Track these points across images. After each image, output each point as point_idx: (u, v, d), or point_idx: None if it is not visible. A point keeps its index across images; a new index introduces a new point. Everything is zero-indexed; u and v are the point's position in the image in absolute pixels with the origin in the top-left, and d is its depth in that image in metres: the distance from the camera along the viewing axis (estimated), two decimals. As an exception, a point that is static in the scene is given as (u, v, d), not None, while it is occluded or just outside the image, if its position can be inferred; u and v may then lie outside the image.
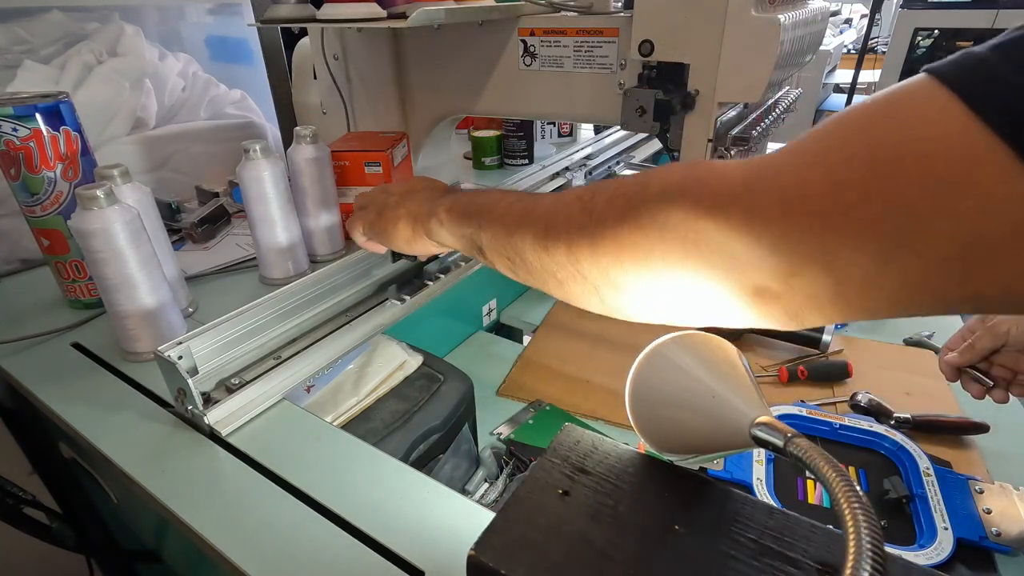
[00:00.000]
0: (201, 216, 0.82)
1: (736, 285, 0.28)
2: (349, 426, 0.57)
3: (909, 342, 0.89)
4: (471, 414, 0.67)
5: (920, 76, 0.23)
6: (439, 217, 0.47)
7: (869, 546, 0.19)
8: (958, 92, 0.21)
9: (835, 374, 0.82)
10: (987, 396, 0.60)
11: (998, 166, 0.20)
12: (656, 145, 1.24)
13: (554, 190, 0.96)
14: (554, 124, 1.24)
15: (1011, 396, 0.60)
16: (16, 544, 0.71)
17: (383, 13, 0.65)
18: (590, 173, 1.01)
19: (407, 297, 0.66)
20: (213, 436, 0.47)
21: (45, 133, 0.56)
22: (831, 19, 3.97)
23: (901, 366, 0.84)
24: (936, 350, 0.87)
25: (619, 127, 0.74)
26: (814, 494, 0.63)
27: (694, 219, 0.28)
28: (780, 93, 0.79)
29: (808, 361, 0.85)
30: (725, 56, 0.55)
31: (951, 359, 0.62)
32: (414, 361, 0.66)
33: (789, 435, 0.25)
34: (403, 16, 0.60)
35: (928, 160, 0.22)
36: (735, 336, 0.88)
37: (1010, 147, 0.20)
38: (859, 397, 0.74)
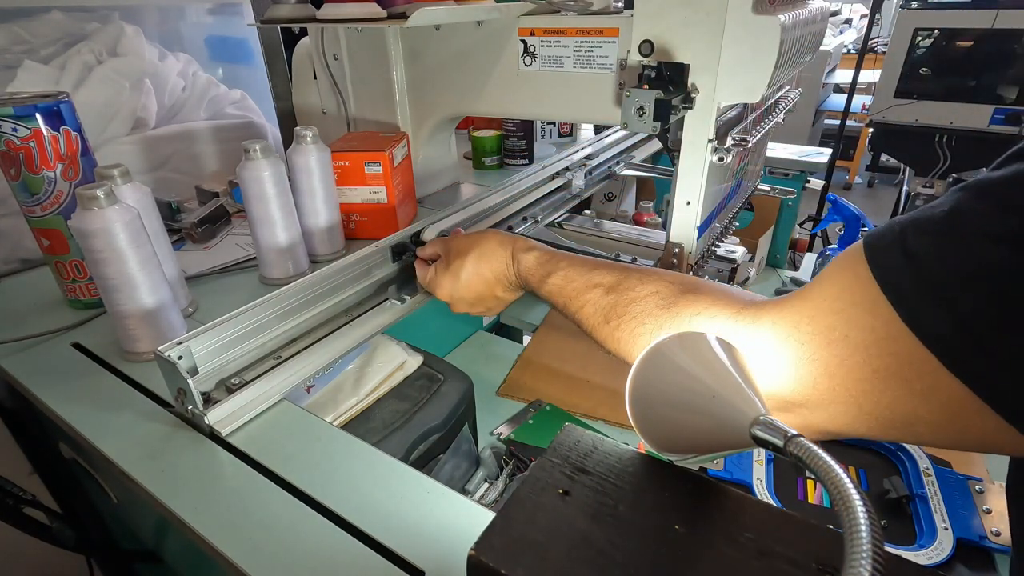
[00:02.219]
0: (201, 216, 0.82)
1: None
2: (349, 426, 0.57)
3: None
4: (471, 414, 0.67)
5: (857, 257, 0.30)
6: (525, 264, 0.55)
7: (869, 546, 0.19)
8: (883, 287, 0.28)
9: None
10: None
11: (924, 365, 0.27)
12: (656, 145, 1.24)
13: (554, 190, 0.96)
14: (554, 124, 1.24)
15: None
16: (16, 544, 0.71)
17: (383, 13, 0.65)
18: (590, 173, 1.01)
19: (407, 297, 0.65)
20: (213, 436, 0.47)
21: (45, 133, 0.56)
22: (831, 19, 3.97)
23: (901, 366, 0.84)
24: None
25: (619, 127, 0.74)
26: (814, 494, 0.63)
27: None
28: (780, 93, 0.79)
29: (808, 361, 0.84)
30: (725, 56, 0.55)
31: None
32: (414, 361, 0.66)
33: (789, 434, 0.25)
34: (403, 16, 0.60)
35: (864, 350, 0.29)
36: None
37: (927, 346, 0.27)
38: (859, 397, 0.74)
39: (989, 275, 0.25)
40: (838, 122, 2.77)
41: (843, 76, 3.60)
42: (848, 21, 4.54)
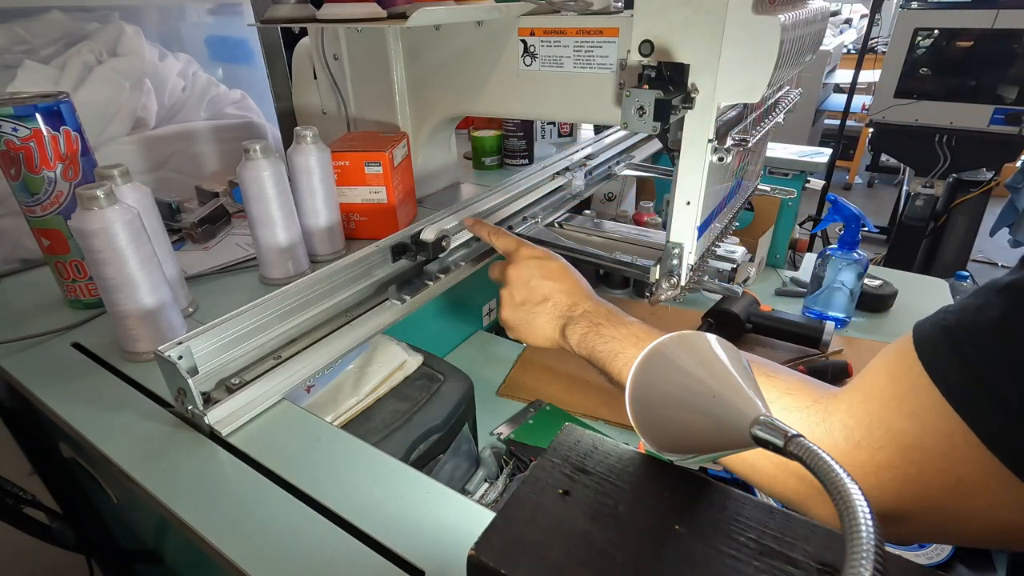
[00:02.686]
0: (201, 216, 0.82)
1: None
2: (349, 426, 0.57)
3: (909, 342, 0.89)
4: (471, 414, 0.67)
5: (913, 360, 0.31)
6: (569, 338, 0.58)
7: (869, 546, 0.19)
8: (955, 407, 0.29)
9: (835, 374, 0.82)
10: None
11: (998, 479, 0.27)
12: (656, 145, 1.24)
13: (554, 190, 0.96)
14: (554, 124, 1.24)
15: None
16: (16, 544, 0.71)
17: (383, 13, 0.65)
18: (590, 173, 1.01)
19: (407, 297, 0.65)
20: (213, 436, 0.47)
21: (45, 133, 0.56)
22: (831, 19, 3.97)
23: (901, 366, 0.84)
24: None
25: (619, 127, 0.74)
26: (814, 494, 0.63)
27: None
28: (780, 93, 0.79)
29: (808, 361, 0.85)
30: (725, 56, 0.55)
31: None
32: (414, 361, 0.66)
33: (789, 434, 0.25)
34: (403, 16, 0.60)
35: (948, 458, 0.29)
36: (735, 336, 0.88)
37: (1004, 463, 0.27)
38: (859, 397, 0.74)
39: None
40: (838, 122, 2.77)
41: (843, 76, 3.60)
42: (848, 21, 4.54)
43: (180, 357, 0.46)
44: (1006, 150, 2.19)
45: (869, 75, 2.70)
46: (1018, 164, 2.35)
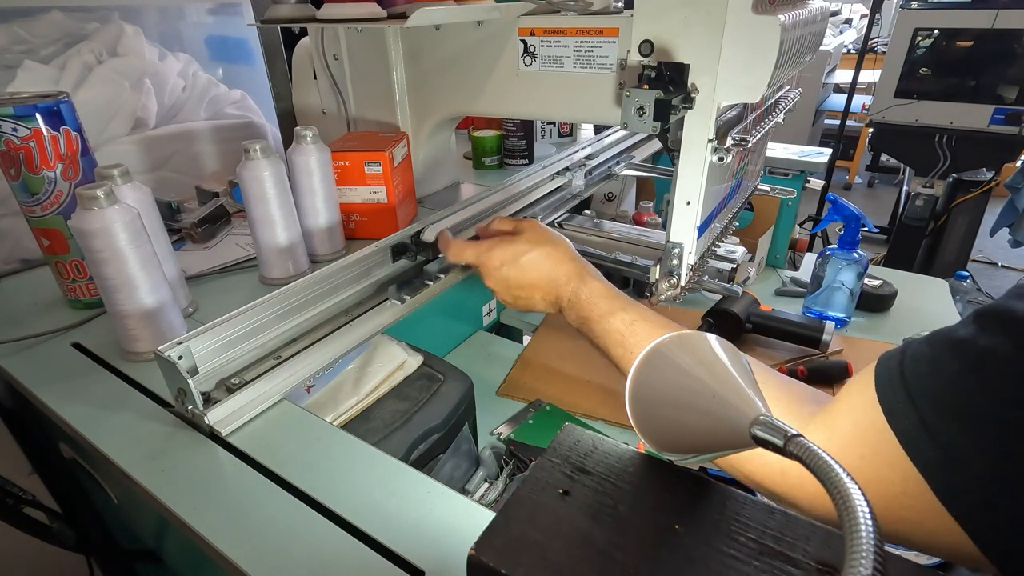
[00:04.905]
0: (201, 216, 0.82)
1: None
2: (349, 426, 0.57)
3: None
4: (471, 414, 0.67)
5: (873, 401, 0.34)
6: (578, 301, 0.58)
7: (869, 546, 0.19)
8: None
9: (835, 374, 0.82)
10: None
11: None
12: (656, 145, 1.24)
13: (554, 190, 0.96)
14: (554, 124, 1.24)
15: None
16: (16, 544, 0.71)
17: (383, 13, 0.65)
18: (590, 173, 1.01)
19: (407, 297, 0.65)
20: (213, 436, 0.47)
21: (45, 133, 0.56)
22: (831, 19, 3.97)
23: (901, 366, 0.84)
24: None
25: (619, 127, 0.74)
26: (814, 494, 0.63)
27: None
28: (780, 93, 0.79)
29: (808, 361, 0.84)
30: (725, 56, 0.55)
31: None
32: (414, 361, 0.66)
33: (789, 434, 0.25)
34: (403, 16, 0.60)
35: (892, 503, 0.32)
36: (735, 336, 0.88)
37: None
38: (859, 397, 0.74)
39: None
40: (838, 122, 2.77)
41: (843, 76, 3.60)
42: (848, 21, 4.54)
43: (180, 357, 0.46)
44: (1006, 150, 2.19)
45: (869, 75, 2.70)
46: (1018, 164, 2.35)
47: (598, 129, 1.28)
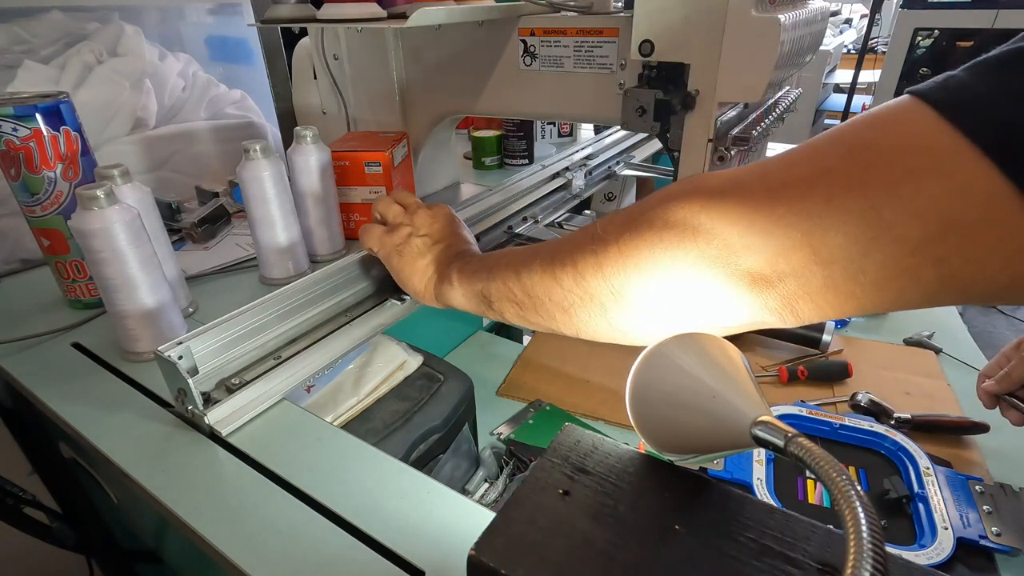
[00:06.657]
0: (201, 216, 0.82)
1: (732, 272, 0.30)
2: (349, 426, 0.57)
3: (909, 342, 0.89)
4: (471, 414, 0.67)
5: (903, 96, 0.27)
6: (451, 280, 0.50)
7: (870, 546, 0.19)
8: (928, 101, 0.25)
9: (835, 374, 0.82)
10: None
11: (961, 156, 0.23)
12: (656, 145, 1.24)
13: (554, 190, 0.96)
14: (554, 124, 1.24)
15: None
16: (16, 544, 0.71)
17: (383, 13, 0.65)
18: (590, 173, 1.01)
19: (407, 297, 0.65)
20: (213, 436, 0.47)
21: (45, 133, 0.56)
22: (831, 19, 3.97)
23: (901, 366, 0.84)
24: (936, 350, 0.87)
25: (619, 127, 0.74)
26: (814, 494, 0.63)
27: (692, 214, 0.31)
28: (780, 93, 0.79)
29: (808, 361, 0.85)
30: (725, 56, 0.55)
31: (988, 387, 0.62)
32: (414, 361, 0.66)
33: (790, 435, 0.25)
34: (403, 16, 0.60)
35: (900, 151, 0.25)
36: (736, 336, 0.88)
37: (973, 142, 0.23)
38: (859, 397, 0.74)
39: None
40: (838, 122, 2.76)
41: (843, 76, 3.59)
42: (848, 21, 4.53)
43: (180, 357, 0.46)
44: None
45: (869, 75, 2.71)
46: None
47: (598, 129, 1.28)
